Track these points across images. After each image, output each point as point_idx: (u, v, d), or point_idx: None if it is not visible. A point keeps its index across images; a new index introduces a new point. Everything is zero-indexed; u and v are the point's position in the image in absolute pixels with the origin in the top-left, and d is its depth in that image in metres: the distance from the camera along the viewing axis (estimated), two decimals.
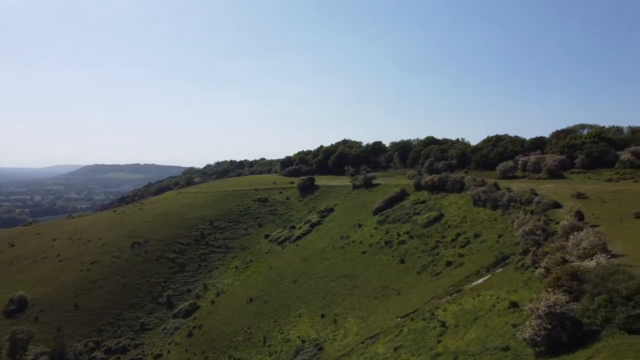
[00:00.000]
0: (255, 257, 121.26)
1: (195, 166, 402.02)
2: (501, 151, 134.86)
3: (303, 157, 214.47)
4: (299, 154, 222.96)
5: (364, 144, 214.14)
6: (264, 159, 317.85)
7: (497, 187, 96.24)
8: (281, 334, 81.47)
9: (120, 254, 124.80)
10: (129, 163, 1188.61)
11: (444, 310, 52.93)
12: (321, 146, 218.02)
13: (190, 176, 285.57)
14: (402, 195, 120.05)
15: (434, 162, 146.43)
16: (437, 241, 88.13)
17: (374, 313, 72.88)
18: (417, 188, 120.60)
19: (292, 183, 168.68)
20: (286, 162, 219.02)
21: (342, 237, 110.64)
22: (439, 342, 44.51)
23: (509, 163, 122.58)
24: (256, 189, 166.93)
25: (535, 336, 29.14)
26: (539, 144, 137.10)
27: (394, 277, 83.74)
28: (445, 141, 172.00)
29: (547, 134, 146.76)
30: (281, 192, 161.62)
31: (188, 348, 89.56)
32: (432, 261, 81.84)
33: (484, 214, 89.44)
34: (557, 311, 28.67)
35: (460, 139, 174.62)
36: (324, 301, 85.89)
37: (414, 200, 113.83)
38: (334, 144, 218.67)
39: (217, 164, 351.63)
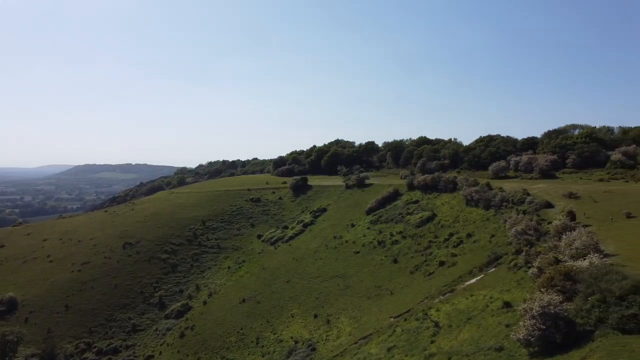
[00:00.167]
0: (247, 258, 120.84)
1: (188, 166, 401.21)
2: (493, 151, 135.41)
3: (296, 157, 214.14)
4: (292, 153, 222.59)
5: (356, 144, 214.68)
6: (256, 159, 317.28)
7: (489, 187, 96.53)
8: (274, 334, 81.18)
9: (112, 254, 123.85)
10: (120, 163, 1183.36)
11: (437, 310, 52.89)
12: (314, 146, 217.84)
13: (182, 176, 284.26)
14: (394, 195, 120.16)
15: (427, 162, 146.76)
16: (430, 241, 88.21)
17: (367, 313, 72.80)
18: (409, 188, 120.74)
19: (285, 183, 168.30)
20: (279, 162, 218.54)
21: (335, 237, 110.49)
22: (432, 342, 44.45)
23: (501, 163, 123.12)
24: (249, 189, 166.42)
25: (529, 336, 29.10)
26: (530, 144, 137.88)
27: (387, 277, 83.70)
28: (438, 141, 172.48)
29: (539, 134, 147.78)
30: (274, 192, 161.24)
31: (180, 349, 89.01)
32: (425, 261, 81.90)
33: (476, 213, 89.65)
34: (551, 311, 28.65)
35: (453, 139, 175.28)
36: (317, 301, 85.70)
37: (406, 200, 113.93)
38: (326, 144, 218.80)
39: (210, 164, 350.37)
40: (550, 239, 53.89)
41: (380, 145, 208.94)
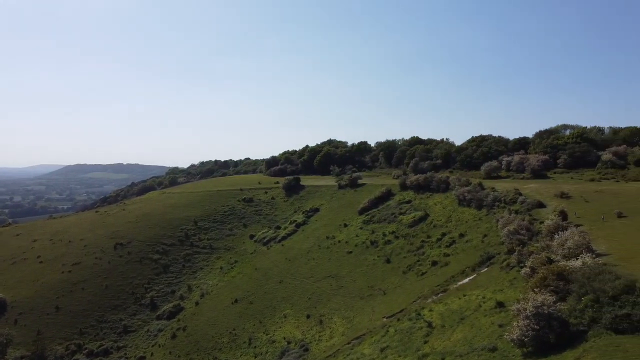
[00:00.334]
0: (240, 258, 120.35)
1: (180, 166, 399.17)
2: (485, 151, 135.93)
3: (288, 157, 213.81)
4: (284, 153, 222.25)
5: (349, 143, 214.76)
6: (248, 158, 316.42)
7: (481, 187, 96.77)
8: (266, 335, 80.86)
9: (103, 255, 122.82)
10: (111, 163, 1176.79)
11: (430, 310, 52.86)
12: (306, 146, 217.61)
13: (174, 176, 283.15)
14: (387, 195, 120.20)
15: (419, 162, 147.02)
16: (423, 241, 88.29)
17: (360, 313, 72.66)
18: (402, 188, 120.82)
19: (278, 183, 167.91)
20: (271, 162, 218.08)
21: (327, 237, 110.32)
22: (425, 342, 44.38)
23: (493, 163, 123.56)
24: (241, 189, 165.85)
25: (523, 337, 29.07)
26: (522, 144, 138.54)
27: (379, 277, 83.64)
28: (430, 141, 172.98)
29: (530, 134, 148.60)
30: (266, 192, 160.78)
31: (172, 350, 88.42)
32: (418, 261, 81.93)
33: (468, 213, 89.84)
34: (545, 311, 28.63)
35: (445, 139, 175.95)
36: (310, 302, 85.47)
37: (399, 200, 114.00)
38: (319, 143, 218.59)
39: (202, 163, 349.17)
40: (543, 238, 54.07)
41: (372, 145, 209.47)
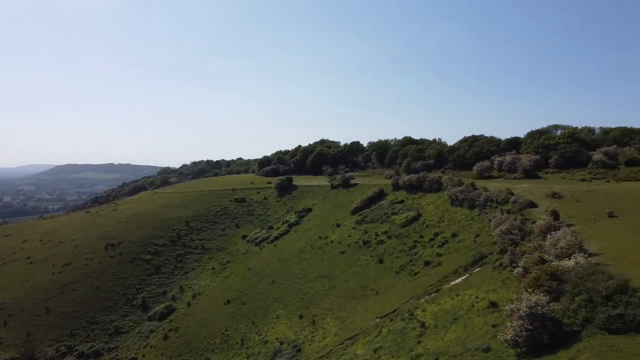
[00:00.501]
0: (232, 258, 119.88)
1: (171, 166, 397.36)
2: (477, 151, 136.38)
3: (281, 157, 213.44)
4: (277, 153, 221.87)
5: (341, 143, 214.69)
6: (241, 158, 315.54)
7: (474, 186, 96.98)
8: (259, 335, 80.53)
9: (94, 255, 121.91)
10: (102, 163, 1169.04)
11: (423, 310, 52.76)
12: (299, 146, 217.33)
13: (166, 176, 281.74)
14: (380, 195, 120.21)
15: (412, 162, 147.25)
16: (415, 241, 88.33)
17: (352, 313, 72.54)
18: (395, 188, 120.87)
19: (270, 183, 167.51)
20: (264, 162, 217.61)
21: (320, 238, 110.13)
22: (418, 342, 44.27)
23: (485, 163, 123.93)
24: (233, 189, 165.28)
25: (517, 337, 29.01)
26: (514, 144, 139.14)
27: (372, 277, 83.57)
28: (423, 141, 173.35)
29: (522, 135, 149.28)
30: (259, 192, 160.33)
31: (164, 351, 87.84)
32: (411, 261, 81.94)
33: (461, 213, 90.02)
34: (539, 312, 28.58)
35: (437, 139, 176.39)
36: (302, 302, 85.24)
37: (392, 200, 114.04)
38: (311, 143, 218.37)
39: (194, 163, 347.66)
40: (535, 238, 54.12)
41: (365, 145, 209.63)
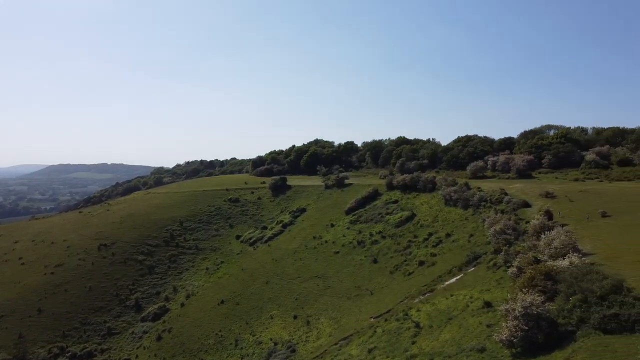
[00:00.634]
0: (226, 258, 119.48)
1: (165, 166, 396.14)
2: (471, 151, 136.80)
3: (275, 157, 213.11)
4: (271, 153, 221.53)
5: (336, 143, 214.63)
6: (235, 158, 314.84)
7: (467, 186, 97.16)
8: (253, 336, 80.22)
9: (86, 256, 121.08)
10: (95, 163, 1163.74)
11: (417, 310, 52.68)
12: (293, 146, 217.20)
13: (159, 176, 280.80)
14: (374, 195, 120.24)
15: (406, 162, 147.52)
16: (410, 241, 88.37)
17: (347, 314, 72.42)
18: (389, 188, 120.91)
19: (264, 183, 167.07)
20: (258, 162, 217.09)
21: (314, 238, 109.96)
22: (413, 343, 44.18)
23: (479, 163, 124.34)
24: (227, 189, 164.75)
25: (512, 337, 28.96)
26: (507, 144, 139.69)
27: (366, 277, 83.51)
28: (417, 141, 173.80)
29: (515, 135, 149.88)
30: (253, 192, 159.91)
31: (157, 352, 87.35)
32: (405, 261, 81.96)
33: (455, 213, 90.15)
34: (534, 312, 28.54)
35: (431, 139, 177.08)
36: (297, 302, 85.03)
37: (386, 200, 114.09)
38: (306, 143, 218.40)
39: (187, 163, 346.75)
40: (529, 238, 54.14)
41: (359, 145, 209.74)
